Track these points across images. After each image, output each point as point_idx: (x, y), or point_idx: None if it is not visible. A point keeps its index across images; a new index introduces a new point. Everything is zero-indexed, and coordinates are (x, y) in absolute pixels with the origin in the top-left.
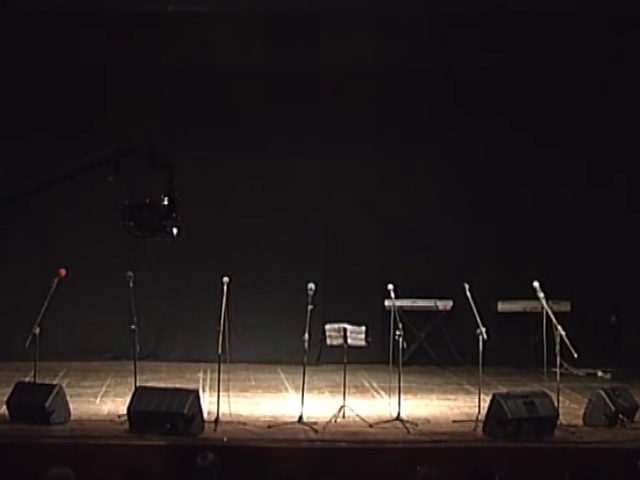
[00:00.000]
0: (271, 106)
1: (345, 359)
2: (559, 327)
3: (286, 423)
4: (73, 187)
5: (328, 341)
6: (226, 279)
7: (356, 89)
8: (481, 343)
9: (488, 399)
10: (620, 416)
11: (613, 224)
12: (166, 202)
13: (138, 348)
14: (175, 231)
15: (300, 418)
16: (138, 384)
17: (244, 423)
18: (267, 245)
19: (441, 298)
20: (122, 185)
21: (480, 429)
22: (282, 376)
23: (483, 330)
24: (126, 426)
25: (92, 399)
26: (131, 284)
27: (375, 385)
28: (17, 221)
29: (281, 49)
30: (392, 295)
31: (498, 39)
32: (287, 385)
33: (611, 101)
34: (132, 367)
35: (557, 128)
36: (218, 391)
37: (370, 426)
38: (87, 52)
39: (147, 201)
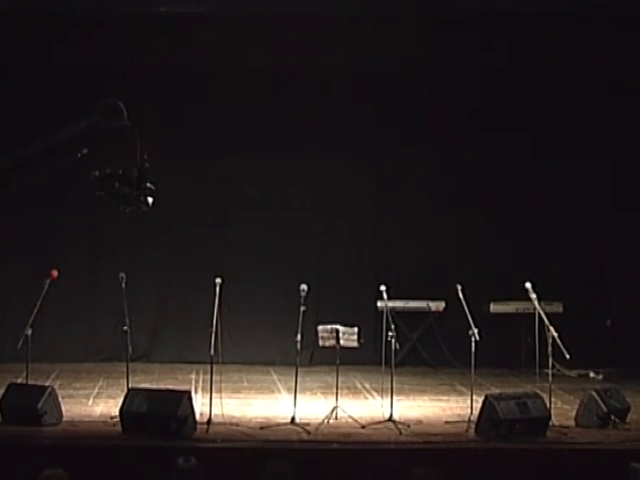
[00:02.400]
0: (264, 107)
1: (337, 360)
2: (551, 328)
3: (279, 424)
4: (50, 161)
5: (320, 342)
6: (218, 280)
7: (351, 90)
8: (473, 344)
9: (480, 400)
10: (612, 417)
11: (606, 224)
12: (136, 172)
13: (130, 349)
14: (150, 200)
15: (293, 419)
16: (130, 385)
17: (237, 424)
18: (259, 246)
19: (433, 299)
20: (97, 159)
21: (472, 430)
22: (275, 377)
23: (475, 331)
24: (118, 427)
25: (84, 400)
26: (123, 285)
27: (367, 386)
28: (8, 221)
29: (275, 50)
30: (384, 296)
31: (496, 41)
32: (280, 386)
33: (609, 104)
34: (124, 368)
35: (548, 131)
36: (210, 392)
37: (362, 427)
38: (80, 53)
39: (119, 172)
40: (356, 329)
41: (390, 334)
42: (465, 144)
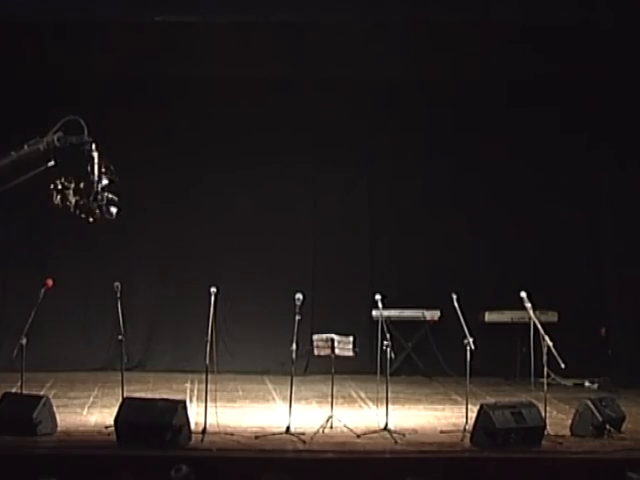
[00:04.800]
0: (257, 113)
1: (333, 369)
2: (546, 337)
3: (274, 434)
4: (16, 174)
5: (316, 351)
6: (214, 289)
7: (345, 101)
8: (468, 353)
9: (476, 409)
10: (607, 426)
11: (600, 234)
12: (94, 184)
13: (125, 359)
14: (114, 211)
15: (288, 429)
16: (125, 395)
17: (231, 434)
18: (255, 255)
19: (429, 308)
20: (56, 172)
21: (468, 439)
22: (270, 386)
23: (470, 340)
24: (113, 437)
25: (79, 410)
26: (118, 295)
27: (363, 395)
28: (1, 230)
29: (269, 60)
30: (380, 305)
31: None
32: (275, 395)
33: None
34: (119, 378)
35: (542, 139)
36: (205, 402)
37: (358, 436)
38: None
39: (74, 184)
40: (351, 338)
41: (385, 343)
42: (461, 153)
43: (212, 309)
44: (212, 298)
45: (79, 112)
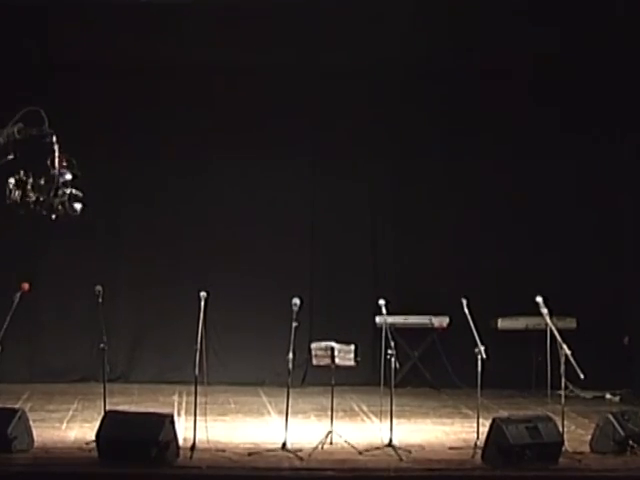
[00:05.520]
0: (253, 109)
1: (333, 380)
2: (564, 346)
3: (268, 450)
4: None
5: (314, 361)
6: (203, 294)
7: (346, 89)
8: (480, 363)
9: (487, 424)
10: (630, 442)
11: (621, 235)
12: (54, 179)
13: (108, 369)
14: (78, 207)
15: (284, 444)
16: (108, 408)
17: (223, 450)
18: (248, 256)
19: (436, 314)
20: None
21: (479, 456)
22: (264, 399)
23: (482, 349)
24: (95, 454)
25: (57, 424)
26: (100, 299)
27: (365, 409)
28: None
29: (263, 44)
30: (383, 311)
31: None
32: (270, 409)
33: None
34: (101, 389)
35: (560, 139)
36: (195, 415)
37: (360, 453)
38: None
39: (32, 179)
40: (353, 347)
41: (389, 352)
42: (472, 149)
43: (202, 315)
44: (202, 303)
45: (54, 101)
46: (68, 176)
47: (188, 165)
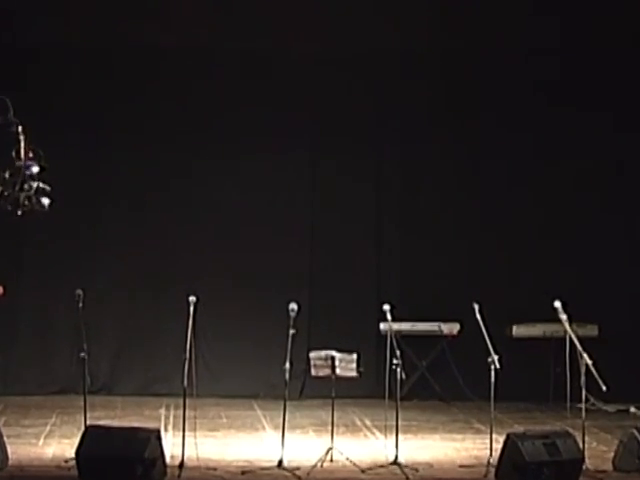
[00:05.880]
0: (247, 96)
1: (333, 393)
2: (585, 355)
3: (263, 468)
4: None
5: (313, 371)
6: (193, 298)
7: (349, 76)
8: (493, 373)
9: (501, 440)
10: None
11: None
12: (21, 173)
13: (89, 380)
14: (46, 202)
15: (280, 462)
16: (88, 423)
17: (214, 468)
18: (242, 258)
19: (446, 321)
20: None
21: (492, 475)
22: (259, 413)
23: (495, 358)
24: (74, 472)
25: (34, 440)
26: (80, 304)
27: (368, 423)
28: None
29: (259, 27)
30: (388, 317)
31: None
32: (265, 423)
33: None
34: (82, 402)
35: (577, 140)
36: (183, 431)
37: (362, 472)
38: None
39: None
40: (355, 356)
41: (395, 362)
42: (485, 144)
43: (191, 321)
44: (191, 308)
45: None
46: (35, 169)
47: (177, 162)
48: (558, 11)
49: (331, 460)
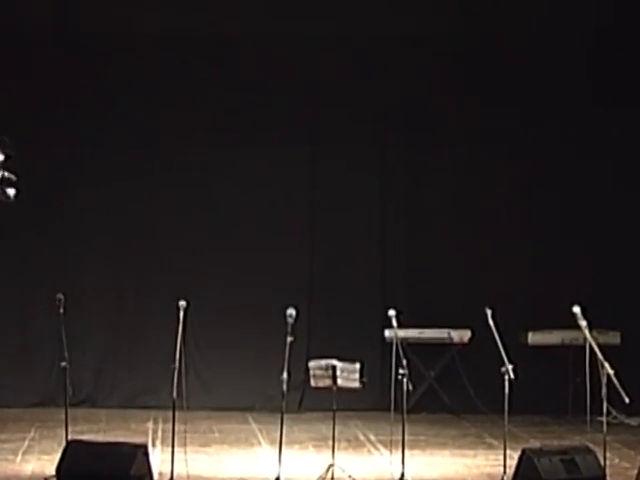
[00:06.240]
0: (242, 83)
1: (334, 405)
2: (606, 364)
3: None
4: None
5: (312, 382)
6: (183, 303)
7: (353, 61)
8: (507, 384)
9: (516, 456)
10: None
11: None
12: None
13: (71, 391)
14: (11, 192)
15: None
16: (70, 437)
17: None
18: (235, 259)
19: (456, 327)
20: None
21: None
22: (254, 427)
23: (509, 368)
24: None
25: (11, 457)
26: (61, 309)
27: (372, 438)
28: None
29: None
30: (394, 323)
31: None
32: (260, 438)
33: None
34: (63, 415)
35: (597, 139)
36: (172, 446)
37: None
38: None
39: None
40: (358, 365)
41: (401, 372)
42: (497, 137)
43: (181, 328)
44: (181, 314)
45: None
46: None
47: (165, 152)
48: None
49: (332, 478)
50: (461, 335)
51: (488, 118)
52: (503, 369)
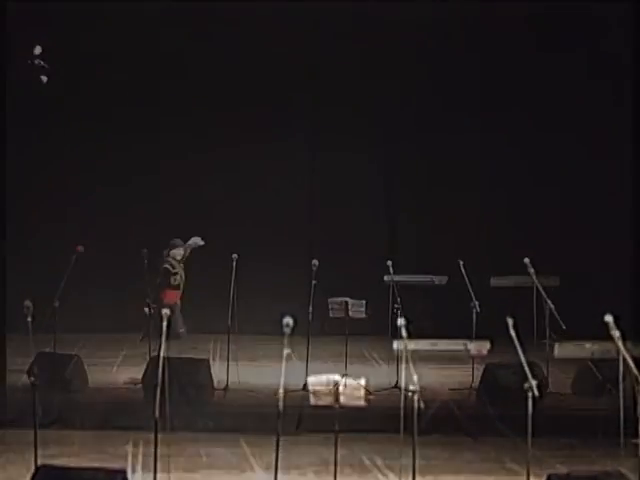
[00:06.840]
0: (238, 72)
1: (336, 426)
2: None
3: None
4: None
5: (312, 400)
6: (166, 311)
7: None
8: (530, 402)
9: None
10: None
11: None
12: None
13: (40, 410)
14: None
15: None
16: (40, 462)
17: None
18: (228, 261)
19: (473, 338)
20: None
21: None
22: (246, 450)
23: (534, 384)
24: None
25: None
26: (29, 318)
27: (379, 462)
28: None
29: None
30: (403, 333)
31: None
32: (253, 463)
33: None
34: (31, 438)
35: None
36: (155, 472)
37: None
38: None
39: None
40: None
41: (411, 388)
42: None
43: (164, 338)
44: (164, 323)
45: None
46: None
47: (160, 147)
48: None
49: None
50: (479, 346)
51: (498, 105)
52: (526, 385)
